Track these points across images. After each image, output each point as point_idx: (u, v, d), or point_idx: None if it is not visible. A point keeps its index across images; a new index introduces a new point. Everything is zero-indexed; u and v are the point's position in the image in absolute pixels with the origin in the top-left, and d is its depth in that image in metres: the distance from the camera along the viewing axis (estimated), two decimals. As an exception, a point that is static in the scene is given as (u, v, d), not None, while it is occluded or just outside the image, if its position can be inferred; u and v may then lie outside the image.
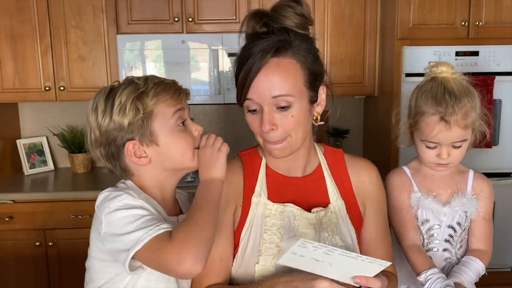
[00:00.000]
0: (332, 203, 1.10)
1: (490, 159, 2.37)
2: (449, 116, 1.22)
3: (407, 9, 2.34)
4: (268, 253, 1.02)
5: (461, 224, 1.33)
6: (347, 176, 1.14)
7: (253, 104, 1.00)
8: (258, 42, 0.98)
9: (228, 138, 0.96)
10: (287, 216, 1.05)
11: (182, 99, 1.05)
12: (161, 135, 1.01)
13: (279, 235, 1.03)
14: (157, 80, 1.04)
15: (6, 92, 2.56)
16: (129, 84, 1.02)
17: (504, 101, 2.38)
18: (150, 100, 0.99)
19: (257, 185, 1.08)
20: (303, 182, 1.10)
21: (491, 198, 1.37)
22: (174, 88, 1.04)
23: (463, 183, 1.35)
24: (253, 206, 1.06)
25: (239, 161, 1.14)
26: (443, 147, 1.27)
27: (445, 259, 1.34)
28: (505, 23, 2.36)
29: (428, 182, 1.36)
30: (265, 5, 2.53)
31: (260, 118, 1.00)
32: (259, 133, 1.03)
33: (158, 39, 2.51)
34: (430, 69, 1.31)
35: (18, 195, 2.38)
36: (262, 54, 0.96)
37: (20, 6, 2.50)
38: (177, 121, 1.03)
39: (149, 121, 1.00)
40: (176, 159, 1.05)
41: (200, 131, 1.10)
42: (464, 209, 1.32)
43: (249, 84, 0.98)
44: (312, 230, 1.05)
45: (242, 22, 1.03)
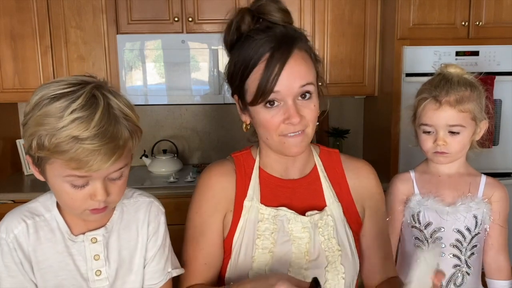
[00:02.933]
0: (329, 206, 1.06)
1: (490, 159, 2.37)
2: (442, 97, 1.25)
3: (407, 9, 2.34)
4: (261, 259, 1.00)
5: (471, 230, 1.31)
6: (344, 177, 1.11)
7: (278, 98, 0.94)
8: (265, 36, 0.94)
9: (227, 138, 0.96)
10: (281, 220, 1.02)
11: (88, 169, 0.81)
12: (51, 180, 0.87)
13: (272, 240, 1.01)
14: (80, 133, 0.78)
15: (6, 92, 2.55)
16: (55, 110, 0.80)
17: (504, 101, 2.38)
18: (45, 149, 0.80)
19: (250, 188, 1.05)
20: (298, 184, 1.07)
21: (504, 202, 1.34)
22: (79, 158, 0.79)
23: (474, 187, 1.33)
24: (245, 210, 1.03)
25: (232, 162, 1.09)
26: (440, 132, 1.27)
27: (454, 266, 1.32)
28: (505, 23, 2.36)
29: (433, 183, 1.35)
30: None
31: (282, 112, 0.95)
32: (277, 129, 0.96)
33: (158, 39, 2.51)
34: (440, 69, 1.34)
35: (18, 195, 2.38)
36: (286, 45, 0.93)
37: (20, 6, 2.50)
38: (64, 183, 0.85)
39: (44, 162, 0.85)
40: (64, 205, 0.92)
41: (99, 200, 0.87)
42: (472, 212, 1.30)
43: (275, 78, 0.92)
44: (307, 234, 1.02)
45: (232, 20, 0.99)
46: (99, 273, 0.96)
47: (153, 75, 2.54)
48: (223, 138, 3.00)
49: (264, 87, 0.93)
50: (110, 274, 0.97)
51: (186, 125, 2.98)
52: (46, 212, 0.96)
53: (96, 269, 0.96)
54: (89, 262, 0.95)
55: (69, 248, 0.95)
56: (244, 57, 0.96)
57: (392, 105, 2.39)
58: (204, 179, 1.09)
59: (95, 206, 0.88)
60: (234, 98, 1.05)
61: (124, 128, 0.84)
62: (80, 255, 0.95)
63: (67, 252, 0.95)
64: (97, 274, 0.96)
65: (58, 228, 0.95)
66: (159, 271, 1.03)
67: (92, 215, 0.90)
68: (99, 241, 0.96)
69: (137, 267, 1.00)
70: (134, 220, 1.01)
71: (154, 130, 2.96)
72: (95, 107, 0.80)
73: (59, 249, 0.94)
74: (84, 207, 0.88)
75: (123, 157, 0.85)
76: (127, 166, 0.90)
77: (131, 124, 0.86)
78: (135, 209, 1.01)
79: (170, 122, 2.98)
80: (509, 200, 1.35)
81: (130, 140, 0.86)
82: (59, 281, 0.94)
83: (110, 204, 0.91)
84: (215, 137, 3.00)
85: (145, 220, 1.01)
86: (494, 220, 1.32)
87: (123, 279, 0.99)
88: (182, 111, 2.96)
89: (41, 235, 0.94)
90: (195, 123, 2.98)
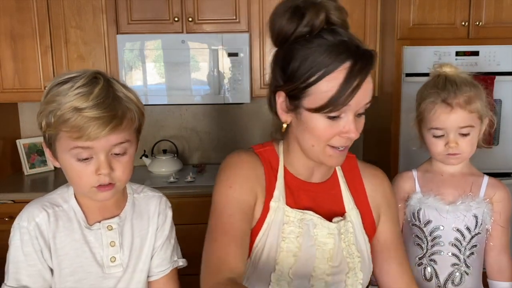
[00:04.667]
0: (348, 212, 1.05)
1: (490, 159, 2.37)
2: (452, 99, 1.24)
3: (407, 9, 2.34)
4: (285, 262, 0.97)
5: (471, 230, 1.31)
6: (361, 184, 1.09)
7: (344, 111, 0.90)
8: (339, 42, 0.88)
9: (227, 138, 0.96)
10: (306, 224, 0.99)
11: (87, 137, 0.89)
12: (61, 158, 0.95)
13: (297, 244, 0.98)
14: (80, 104, 0.88)
15: (6, 92, 2.55)
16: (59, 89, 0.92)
17: (504, 101, 2.38)
18: (52, 124, 0.91)
19: (276, 188, 1.01)
20: (320, 188, 1.05)
21: (506, 203, 1.33)
22: (79, 125, 0.88)
23: (476, 187, 1.33)
24: (271, 211, 0.99)
25: (257, 157, 1.04)
26: (450, 134, 1.27)
27: (452, 265, 1.32)
28: (505, 23, 2.36)
29: (435, 182, 1.35)
30: (265, 5, 2.53)
31: (340, 125, 0.91)
32: (329, 139, 0.93)
33: (158, 39, 2.51)
34: (434, 69, 1.33)
35: (18, 195, 2.38)
36: (367, 60, 0.88)
37: (20, 6, 2.50)
38: (71, 157, 0.93)
39: (54, 139, 0.94)
40: (73, 184, 1.00)
41: (103, 173, 0.94)
42: (472, 212, 1.30)
43: (354, 92, 0.87)
44: (331, 240, 1.00)
45: (303, 12, 0.90)
46: (114, 259, 1.02)
47: (153, 75, 2.54)
48: (223, 138, 3.00)
49: (339, 99, 0.87)
50: (123, 261, 1.03)
51: (186, 125, 2.98)
52: (64, 203, 1.03)
53: (111, 255, 1.02)
54: (105, 248, 1.02)
55: (85, 236, 1.01)
56: (317, 59, 0.88)
57: (392, 105, 2.39)
58: (234, 158, 1.02)
59: (101, 181, 0.94)
60: (277, 94, 0.97)
61: (123, 105, 0.93)
62: (96, 242, 1.01)
63: (84, 240, 1.01)
64: (112, 261, 1.02)
65: (75, 218, 1.01)
66: (167, 259, 1.10)
67: (100, 193, 0.96)
68: (114, 229, 1.03)
69: (145, 256, 1.07)
70: (145, 211, 1.08)
71: (154, 130, 2.96)
72: (95, 84, 0.91)
73: (76, 237, 1.01)
74: (91, 183, 0.94)
75: (122, 130, 0.93)
76: (131, 144, 0.97)
77: (132, 104, 0.95)
78: (146, 202, 1.10)
79: (170, 122, 2.97)
80: (511, 200, 1.35)
81: (128, 113, 0.94)
82: (74, 268, 1.00)
83: (117, 182, 0.97)
84: (215, 137, 3.00)
85: (155, 211, 1.09)
86: (495, 221, 1.32)
87: (134, 267, 1.05)
88: (182, 111, 2.96)
89: (60, 224, 1.00)
90: (195, 123, 2.98)
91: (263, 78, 2.62)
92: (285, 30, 0.93)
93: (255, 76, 2.61)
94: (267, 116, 1.10)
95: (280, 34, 0.94)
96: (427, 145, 1.33)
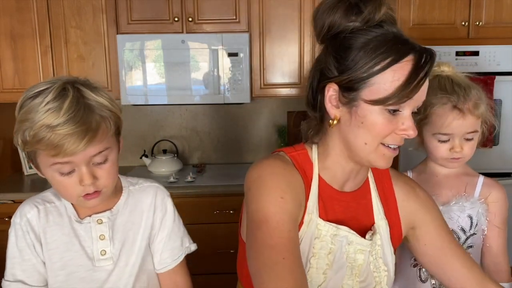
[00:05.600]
0: (377, 222, 0.99)
1: (490, 159, 2.37)
2: (462, 104, 1.21)
3: (407, 9, 2.34)
4: (314, 280, 0.91)
5: (466, 230, 1.30)
6: (392, 193, 1.03)
7: (404, 106, 0.85)
8: (400, 34, 0.86)
9: (227, 138, 0.96)
10: (340, 240, 0.92)
11: (64, 154, 0.88)
12: (44, 172, 0.95)
13: (327, 261, 0.91)
14: (51, 121, 0.86)
15: (6, 92, 2.56)
16: (32, 106, 0.90)
17: (504, 101, 2.38)
18: (28, 143, 0.90)
19: (309, 199, 0.92)
20: (351, 198, 0.97)
21: (501, 203, 1.32)
22: (54, 144, 0.87)
23: (470, 188, 1.32)
24: (304, 225, 0.91)
25: (291, 163, 0.94)
26: (456, 139, 1.25)
27: None
28: (505, 23, 2.36)
29: (430, 183, 1.34)
30: (265, 5, 2.53)
31: (399, 121, 0.86)
32: (385, 136, 0.87)
33: (158, 39, 2.51)
34: (435, 71, 1.32)
35: (18, 195, 2.38)
36: (431, 53, 0.84)
37: (20, 6, 2.50)
38: (54, 172, 0.93)
39: (34, 156, 0.94)
40: (61, 195, 1.02)
41: (86, 184, 0.93)
42: (466, 212, 1.29)
43: (421, 83, 0.83)
44: (362, 255, 0.94)
45: (360, 4, 0.86)
46: (104, 252, 1.03)
47: (153, 75, 2.54)
48: (223, 138, 2.99)
49: (405, 90, 0.82)
50: (114, 254, 1.04)
51: (186, 125, 2.98)
52: (56, 200, 1.05)
53: (101, 248, 1.03)
54: (94, 241, 1.02)
55: (75, 230, 1.03)
56: (380, 49, 0.83)
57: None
58: (274, 167, 0.91)
59: (86, 191, 0.94)
60: (328, 87, 0.89)
61: (96, 114, 0.91)
62: (86, 235, 1.03)
63: (74, 234, 1.02)
64: (102, 254, 1.03)
65: (66, 213, 1.03)
66: (177, 247, 1.11)
67: (87, 201, 0.97)
68: (105, 222, 1.03)
69: (138, 249, 1.07)
70: (140, 204, 1.08)
71: (154, 130, 2.96)
72: (64, 98, 0.88)
73: (65, 232, 1.02)
74: (77, 194, 0.95)
75: (98, 140, 0.91)
76: (111, 151, 0.96)
77: (106, 111, 0.93)
78: (141, 194, 1.09)
79: (170, 122, 2.98)
80: (507, 200, 1.33)
81: (102, 122, 0.92)
82: (65, 262, 1.02)
83: (103, 188, 0.97)
84: (215, 137, 3.00)
85: (151, 205, 1.09)
86: (490, 221, 1.31)
87: (126, 261, 1.05)
88: (182, 111, 2.96)
89: (50, 219, 1.02)
90: (195, 123, 2.98)
91: (263, 78, 2.62)
92: (339, 24, 0.87)
93: (255, 76, 2.61)
94: (267, 116, 1.10)
95: (332, 28, 0.89)
96: (429, 149, 1.31)
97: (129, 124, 2.93)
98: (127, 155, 2.93)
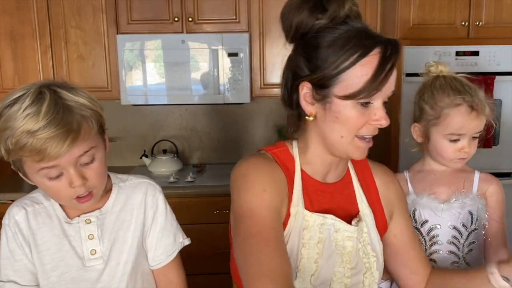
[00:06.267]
0: (362, 211, 1.03)
1: (490, 159, 2.37)
2: (476, 104, 1.22)
3: (407, 9, 2.34)
4: (306, 269, 0.94)
5: (467, 226, 1.31)
6: (373, 183, 1.08)
7: (375, 97, 0.88)
8: (365, 29, 0.89)
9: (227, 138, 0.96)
10: (327, 229, 0.96)
11: (49, 158, 0.87)
12: (32, 179, 0.94)
13: (318, 250, 0.95)
14: (31, 127, 0.85)
15: (6, 92, 2.54)
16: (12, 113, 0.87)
17: (504, 101, 2.38)
18: (11, 151, 0.88)
19: (294, 192, 0.96)
20: (335, 189, 1.02)
21: (498, 196, 1.33)
22: (37, 149, 0.86)
23: (468, 184, 1.33)
24: (291, 217, 0.94)
25: (273, 159, 0.98)
26: (466, 139, 1.26)
27: (452, 263, 1.32)
28: (505, 23, 2.36)
29: (428, 181, 1.35)
30: (265, 5, 2.53)
31: (371, 112, 0.90)
32: (359, 128, 0.90)
33: (158, 39, 2.51)
34: (428, 69, 1.32)
35: (18, 195, 2.35)
36: (396, 46, 0.88)
37: (20, 6, 2.50)
38: (42, 178, 0.92)
39: (19, 164, 0.92)
40: (53, 199, 1.02)
41: (77, 185, 0.92)
42: (466, 208, 1.30)
43: (388, 75, 0.87)
44: (350, 242, 0.98)
45: (324, 3, 0.89)
46: (94, 252, 1.03)
47: (153, 75, 2.54)
48: (223, 138, 2.99)
49: (374, 83, 0.86)
50: (104, 253, 1.03)
51: (186, 125, 2.98)
52: (45, 200, 1.04)
53: (91, 248, 1.02)
54: (84, 241, 1.02)
55: (65, 231, 1.02)
56: (348, 44, 0.86)
57: (392, 105, 2.39)
58: (257, 163, 0.96)
59: (78, 193, 0.93)
60: (301, 86, 0.93)
61: (76, 114, 0.90)
62: (75, 235, 1.02)
63: (63, 234, 1.02)
64: (92, 253, 1.02)
65: (55, 214, 1.03)
66: (170, 243, 1.10)
67: (81, 204, 0.97)
68: (93, 222, 1.03)
69: (129, 247, 1.06)
70: (130, 201, 1.07)
71: (154, 130, 2.96)
72: (41, 102, 0.87)
73: (55, 232, 1.02)
74: (69, 196, 0.95)
75: (82, 140, 0.90)
76: (97, 149, 0.95)
77: (86, 110, 0.92)
78: (132, 190, 1.08)
79: (170, 122, 2.98)
80: (504, 194, 1.35)
81: (83, 121, 0.91)
82: (56, 263, 1.02)
83: (93, 189, 0.96)
84: (215, 137, 3.00)
85: (142, 202, 1.08)
86: (490, 216, 1.32)
87: (117, 259, 1.05)
88: (182, 111, 2.96)
89: (39, 221, 1.02)
90: (195, 123, 2.98)
91: (263, 78, 2.62)
92: (306, 23, 0.91)
93: (255, 76, 2.61)
94: (267, 116, 1.10)
95: (299, 27, 0.92)
96: (437, 149, 1.29)
97: (129, 124, 2.93)
98: (127, 155, 2.93)
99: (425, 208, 1.32)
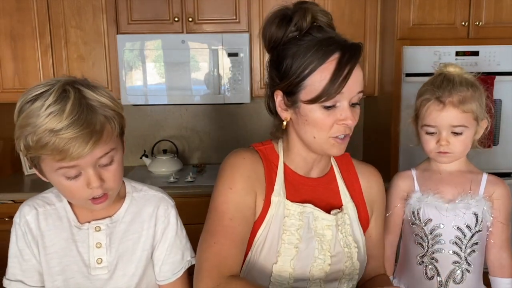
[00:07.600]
0: (345, 204, 1.10)
1: (490, 159, 2.37)
2: (445, 97, 1.26)
3: (407, 9, 2.34)
4: (287, 254, 1.01)
5: (471, 227, 1.31)
6: (357, 180, 1.15)
7: (339, 99, 0.95)
8: (328, 37, 0.96)
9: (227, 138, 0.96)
10: (307, 217, 1.04)
11: (70, 158, 0.85)
12: (49, 177, 0.93)
13: (297, 236, 1.02)
14: (55, 125, 0.84)
15: (6, 92, 2.56)
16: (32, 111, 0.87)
17: (504, 101, 2.38)
18: (32, 149, 0.87)
19: (276, 183, 1.05)
20: (318, 183, 1.10)
21: (505, 200, 1.34)
22: (59, 148, 0.84)
23: (475, 185, 1.33)
24: (272, 205, 1.03)
25: (257, 153, 1.08)
26: (443, 132, 1.28)
27: (453, 262, 1.32)
28: (505, 23, 2.36)
29: (434, 180, 1.36)
30: (265, 5, 2.53)
31: (337, 113, 0.96)
32: (329, 129, 0.98)
33: (158, 39, 2.51)
34: (439, 68, 1.35)
35: (18, 195, 2.38)
36: (355, 49, 0.95)
37: (20, 6, 2.50)
38: (60, 177, 0.90)
39: (37, 161, 0.91)
40: (68, 199, 1.01)
41: (94, 186, 0.92)
42: (471, 210, 1.30)
43: (346, 79, 0.93)
44: (329, 231, 1.05)
45: (289, 15, 0.98)
46: (100, 261, 1.01)
47: (153, 75, 2.54)
48: (223, 138, 3.00)
49: (333, 87, 0.93)
50: (110, 263, 1.01)
51: (186, 125, 2.98)
52: (57, 201, 1.03)
53: (97, 257, 1.01)
54: (91, 249, 1.00)
55: (74, 235, 1.01)
56: (308, 53, 0.95)
57: (392, 105, 2.39)
58: (236, 158, 1.05)
59: (94, 194, 0.92)
60: (275, 94, 1.02)
61: (100, 114, 0.89)
62: (83, 242, 1.01)
63: (72, 239, 1.01)
64: (98, 262, 1.01)
65: (66, 217, 1.01)
66: (178, 261, 1.08)
67: (95, 205, 0.95)
68: (102, 230, 1.01)
69: (138, 260, 1.04)
70: (142, 213, 1.05)
71: (154, 130, 2.96)
72: (66, 100, 0.85)
73: (64, 236, 1.00)
74: (85, 197, 0.93)
75: (104, 142, 0.89)
76: (116, 151, 0.94)
77: (108, 110, 0.91)
78: (144, 203, 1.06)
79: (170, 122, 2.98)
80: (511, 197, 1.35)
81: (107, 124, 0.90)
82: (62, 267, 1.00)
83: (109, 191, 0.95)
84: (215, 137, 3.00)
85: (153, 215, 1.06)
86: (495, 218, 1.32)
87: (124, 270, 1.02)
88: (182, 111, 2.96)
89: (49, 222, 1.01)
90: (195, 123, 2.98)
91: (263, 78, 2.62)
92: (276, 36, 1.00)
93: (255, 76, 2.61)
94: (267, 116, 1.11)
95: (271, 40, 1.01)
96: (421, 142, 1.35)
97: (129, 124, 2.90)
98: (127, 155, 2.92)
99: (429, 206, 1.32)
